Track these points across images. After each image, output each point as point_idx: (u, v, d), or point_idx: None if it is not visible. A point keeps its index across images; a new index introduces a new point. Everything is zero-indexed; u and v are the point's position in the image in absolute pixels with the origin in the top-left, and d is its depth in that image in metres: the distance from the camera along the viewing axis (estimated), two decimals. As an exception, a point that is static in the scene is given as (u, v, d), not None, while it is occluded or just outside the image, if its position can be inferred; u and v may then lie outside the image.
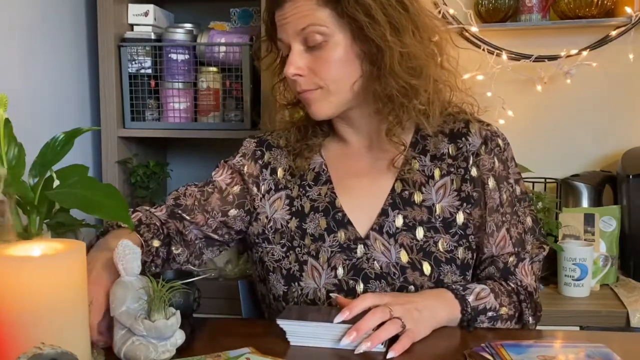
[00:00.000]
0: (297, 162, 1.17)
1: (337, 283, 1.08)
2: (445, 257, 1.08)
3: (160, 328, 0.83)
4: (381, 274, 1.07)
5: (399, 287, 1.07)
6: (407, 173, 1.12)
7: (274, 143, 1.21)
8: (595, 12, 1.82)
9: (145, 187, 1.83)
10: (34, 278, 0.75)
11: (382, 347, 0.90)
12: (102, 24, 1.76)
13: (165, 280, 0.85)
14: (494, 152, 1.13)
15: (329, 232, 1.11)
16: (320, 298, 1.08)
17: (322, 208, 1.13)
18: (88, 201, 0.90)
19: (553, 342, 0.92)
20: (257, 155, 1.20)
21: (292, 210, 1.15)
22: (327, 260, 1.09)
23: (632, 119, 1.93)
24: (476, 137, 1.13)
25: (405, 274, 1.07)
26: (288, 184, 1.17)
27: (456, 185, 1.11)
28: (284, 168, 1.18)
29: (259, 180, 1.18)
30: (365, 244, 1.09)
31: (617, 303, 1.58)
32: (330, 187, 1.14)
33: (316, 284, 1.09)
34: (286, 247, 1.13)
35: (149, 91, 1.83)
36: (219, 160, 1.25)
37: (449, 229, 1.09)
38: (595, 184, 1.83)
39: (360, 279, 1.07)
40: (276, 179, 1.17)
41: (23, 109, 1.50)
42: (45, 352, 0.67)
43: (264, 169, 1.18)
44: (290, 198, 1.16)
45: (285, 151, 1.19)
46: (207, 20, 1.95)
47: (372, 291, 1.06)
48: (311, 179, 1.16)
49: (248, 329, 1.04)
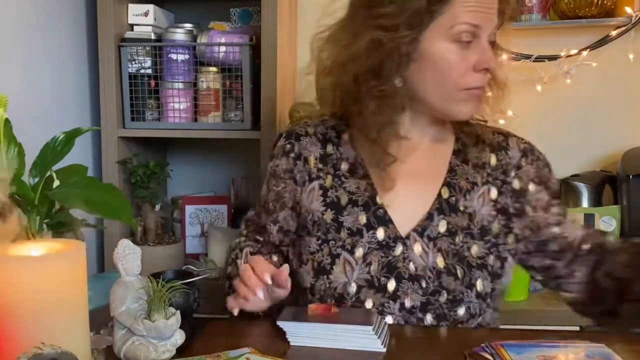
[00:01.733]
0: (327, 148, 1.16)
1: (369, 279, 1.06)
2: (477, 262, 1.07)
3: (160, 328, 0.83)
4: (415, 275, 1.06)
5: (432, 290, 1.05)
6: (453, 179, 1.12)
7: (302, 132, 1.18)
8: (595, 12, 1.82)
9: (145, 187, 1.83)
10: (34, 278, 0.75)
11: (382, 347, 0.91)
12: (102, 24, 1.76)
13: (165, 280, 0.85)
14: (536, 163, 1.14)
15: (368, 228, 1.09)
16: (349, 293, 1.06)
17: (361, 202, 1.11)
18: (89, 201, 0.90)
19: (553, 342, 0.92)
20: (287, 149, 1.17)
21: (327, 202, 1.13)
22: (363, 255, 1.07)
23: (632, 119, 1.93)
24: (515, 151, 1.15)
25: (440, 279, 1.05)
26: (320, 173, 1.15)
27: (493, 196, 1.12)
28: (315, 156, 1.16)
29: (294, 174, 1.16)
30: (405, 244, 1.08)
31: (617, 303, 1.57)
32: (369, 182, 1.12)
33: (347, 278, 1.07)
34: (321, 239, 1.11)
35: (149, 91, 1.83)
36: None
37: (484, 236, 1.09)
38: (595, 184, 1.83)
39: (394, 277, 1.06)
40: (309, 168, 1.15)
41: (23, 109, 1.50)
42: (45, 352, 0.67)
43: (297, 161, 1.16)
44: (323, 188, 1.14)
45: (315, 138, 1.17)
46: (207, 20, 1.95)
47: (404, 291, 1.05)
48: (346, 170, 1.14)
49: (248, 329, 1.04)
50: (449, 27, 1.01)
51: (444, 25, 1.01)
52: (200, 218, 1.99)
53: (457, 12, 1.00)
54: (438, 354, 0.94)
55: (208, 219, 1.99)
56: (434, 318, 1.05)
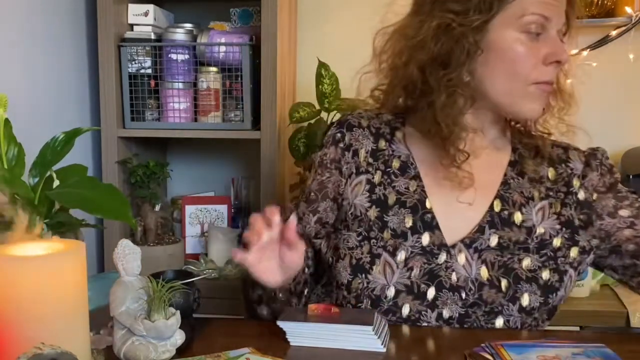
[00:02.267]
0: (380, 143, 1.12)
1: (408, 284, 1.03)
2: (527, 275, 1.02)
3: (160, 328, 0.83)
4: (456, 286, 1.03)
5: (471, 303, 1.02)
6: (507, 192, 1.08)
7: (355, 122, 1.13)
8: (595, 12, 1.82)
9: (145, 187, 1.83)
10: (34, 278, 0.75)
11: (382, 347, 0.90)
12: (102, 24, 1.76)
13: (165, 280, 0.85)
14: (599, 169, 1.11)
15: (413, 232, 1.06)
16: (387, 296, 1.03)
17: (409, 204, 1.07)
18: (89, 201, 0.90)
19: (553, 342, 0.92)
20: (337, 138, 1.13)
21: (373, 198, 1.09)
22: (405, 259, 1.04)
23: (632, 119, 1.93)
24: (578, 162, 1.12)
25: (482, 291, 1.02)
26: (369, 168, 1.11)
27: (555, 209, 1.07)
28: (366, 150, 1.12)
29: (341, 165, 1.12)
30: (449, 253, 1.04)
31: (617, 303, 1.58)
32: (420, 184, 1.09)
33: (386, 280, 1.03)
34: (362, 236, 1.07)
35: (149, 91, 1.83)
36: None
37: (542, 249, 1.05)
38: (595, 184, 1.83)
39: (434, 286, 1.03)
40: (358, 161, 1.11)
41: (23, 109, 1.50)
42: (45, 352, 0.67)
43: (346, 152, 1.12)
44: (371, 184, 1.10)
45: (367, 131, 1.13)
46: (207, 20, 1.96)
47: (443, 301, 1.02)
48: (397, 167, 1.11)
49: (248, 329, 1.04)
50: (519, 17, 0.98)
51: (513, 15, 0.99)
52: (200, 218, 2.00)
53: (527, 2, 0.98)
54: (438, 354, 0.94)
55: (208, 219, 1.99)
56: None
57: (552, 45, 1.00)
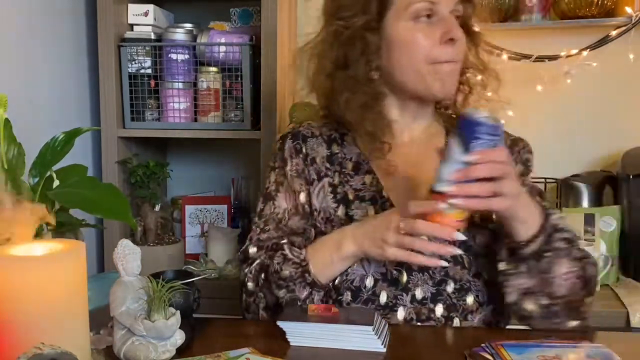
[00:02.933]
0: (333, 148, 1.17)
1: (384, 272, 1.07)
2: (482, 251, 1.07)
3: (160, 328, 0.83)
4: (424, 266, 1.05)
5: (439, 280, 1.06)
6: None
7: (308, 133, 1.19)
8: (595, 12, 1.82)
9: (145, 187, 1.83)
10: (34, 278, 0.75)
11: (382, 347, 0.90)
12: (102, 24, 1.76)
13: (165, 280, 0.85)
14: (516, 157, 1.13)
15: None
16: (366, 285, 1.06)
17: (368, 197, 1.12)
18: (89, 201, 0.90)
19: (553, 342, 0.92)
20: (297, 149, 1.17)
21: (337, 198, 1.13)
22: None
23: (632, 119, 1.93)
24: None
25: (446, 268, 1.06)
26: (328, 172, 1.15)
27: None
28: (322, 156, 1.17)
29: (305, 174, 1.16)
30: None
31: (617, 303, 1.57)
32: (375, 177, 1.13)
33: (365, 271, 1.07)
34: None
35: (149, 91, 1.83)
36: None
37: (485, 223, 1.08)
38: (595, 184, 1.83)
39: (404, 270, 1.07)
40: (317, 167, 1.16)
41: (23, 109, 1.50)
42: (45, 352, 0.67)
43: (306, 161, 1.17)
44: (332, 186, 1.14)
45: (321, 139, 1.18)
46: (207, 20, 1.96)
47: (414, 283, 1.06)
48: (351, 168, 1.15)
49: (248, 329, 1.04)
50: (406, 8, 1.05)
51: (402, 7, 1.06)
52: (200, 218, 2.00)
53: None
54: (438, 354, 0.94)
55: (208, 219, 1.99)
56: (445, 309, 1.05)
57: (444, 25, 1.05)
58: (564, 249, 1.00)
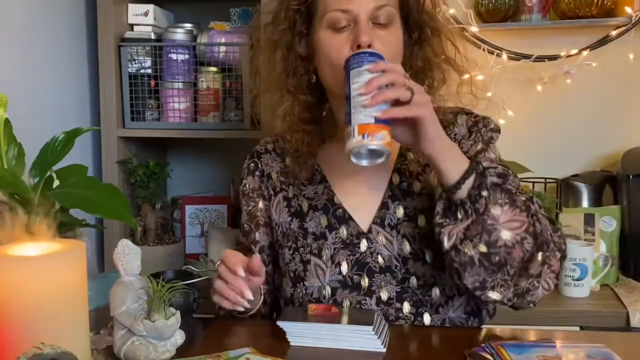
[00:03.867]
0: (287, 161, 1.19)
1: (341, 279, 1.08)
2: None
3: (160, 328, 0.83)
4: (385, 267, 1.07)
5: (401, 278, 1.07)
6: (403, 164, 1.13)
7: (262, 150, 1.23)
8: (595, 12, 1.82)
9: (145, 187, 1.83)
10: (34, 278, 0.75)
11: (382, 347, 0.90)
12: (102, 24, 1.76)
13: (165, 280, 0.85)
14: (476, 136, 1.11)
15: (330, 229, 1.11)
16: (325, 296, 1.08)
17: (320, 206, 1.13)
18: (89, 201, 0.90)
19: (553, 342, 0.92)
20: (252, 168, 1.21)
21: (292, 211, 1.15)
22: (331, 257, 1.09)
23: (632, 119, 1.93)
24: (463, 128, 1.13)
25: (407, 265, 1.07)
26: (282, 186, 1.18)
27: None
28: (276, 171, 1.20)
29: (262, 191, 1.20)
30: (368, 238, 1.09)
31: (617, 303, 1.57)
32: (326, 185, 1.15)
33: (320, 282, 1.08)
34: (292, 249, 1.13)
35: (149, 91, 1.83)
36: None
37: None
38: (595, 184, 1.83)
39: (365, 274, 1.07)
40: (272, 183, 1.19)
41: (23, 109, 1.50)
42: (45, 352, 0.67)
43: (262, 178, 1.20)
44: (287, 199, 1.17)
45: (274, 153, 1.21)
46: (207, 20, 1.95)
47: (378, 285, 1.07)
48: (304, 178, 1.16)
49: (248, 329, 1.04)
50: (322, 17, 1.08)
51: (319, 16, 1.09)
52: (200, 218, 2.00)
53: (327, 1, 1.08)
54: (438, 354, 0.94)
55: (208, 219, 1.99)
56: (412, 305, 1.06)
57: (355, 32, 1.05)
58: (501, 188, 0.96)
